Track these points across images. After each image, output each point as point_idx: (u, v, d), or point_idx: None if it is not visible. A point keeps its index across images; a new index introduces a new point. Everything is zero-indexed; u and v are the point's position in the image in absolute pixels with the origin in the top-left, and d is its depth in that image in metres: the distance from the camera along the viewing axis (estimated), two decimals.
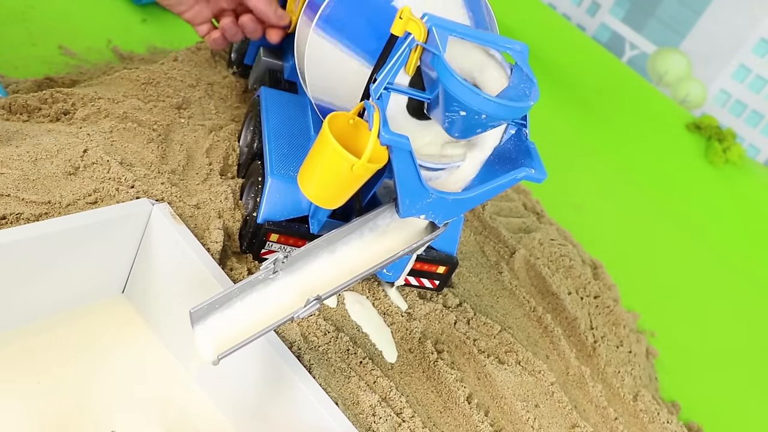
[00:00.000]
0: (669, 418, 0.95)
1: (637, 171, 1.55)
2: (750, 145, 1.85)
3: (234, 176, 0.88)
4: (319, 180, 0.70)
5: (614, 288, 1.13)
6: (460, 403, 0.79)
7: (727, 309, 1.32)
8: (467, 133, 0.68)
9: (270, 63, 0.97)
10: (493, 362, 0.84)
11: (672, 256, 1.37)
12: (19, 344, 0.72)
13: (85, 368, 0.73)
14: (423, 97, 0.69)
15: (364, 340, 0.79)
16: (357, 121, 0.71)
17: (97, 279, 0.77)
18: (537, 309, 0.97)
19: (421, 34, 0.67)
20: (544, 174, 0.68)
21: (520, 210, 1.17)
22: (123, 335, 0.77)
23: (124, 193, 0.76)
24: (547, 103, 1.30)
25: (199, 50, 1.06)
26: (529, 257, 1.04)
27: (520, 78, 0.69)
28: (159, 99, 0.92)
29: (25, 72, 0.98)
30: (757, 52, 1.80)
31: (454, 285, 0.91)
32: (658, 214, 1.46)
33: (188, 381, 0.75)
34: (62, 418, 0.69)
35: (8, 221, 0.70)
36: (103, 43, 1.09)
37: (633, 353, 1.04)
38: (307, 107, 0.89)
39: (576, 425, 0.85)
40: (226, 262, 0.78)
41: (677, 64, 1.89)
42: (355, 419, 0.70)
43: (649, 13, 1.89)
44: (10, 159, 0.75)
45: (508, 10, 1.52)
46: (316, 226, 0.78)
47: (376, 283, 0.84)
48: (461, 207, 0.70)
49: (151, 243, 0.76)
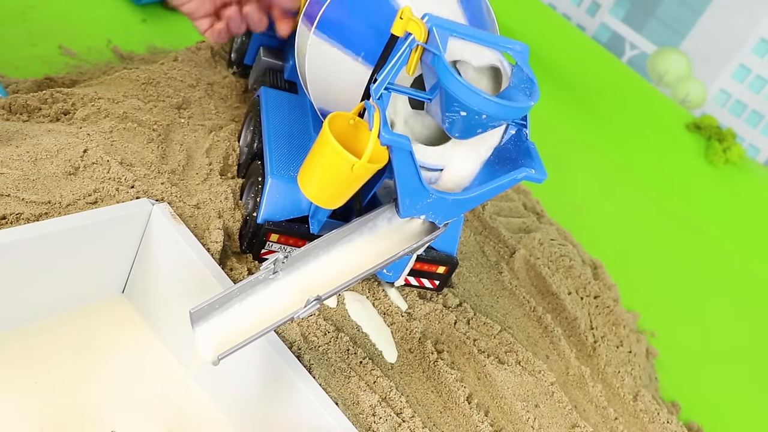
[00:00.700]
0: (669, 418, 0.95)
1: (637, 171, 1.55)
2: (750, 145, 1.85)
3: (234, 176, 0.88)
4: (319, 180, 0.70)
5: (614, 288, 1.13)
6: (460, 403, 0.79)
7: (727, 309, 1.32)
8: (468, 133, 0.68)
9: (270, 63, 0.97)
10: (493, 362, 0.84)
11: (672, 256, 1.37)
12: (19, 344, 0.72)
13: (85, 368, 0.73)
14: (423, 97, 0.69)
15: (364, 340, 0.79)
16: (357, 121, 0.71)
17: (97, 279, 0.77)
18: (537, 309, 0.97)
19: (422, 34, 0.67)
20: (544, 174, 0.68)
21: (520, 210, 1.17)
22: (123, 335, 0.77)
23: (124, 193, 0.76)
24: (547, 103, 1.30)
25: (199, 50, 1.05)
26: (529, 257, 1.04)
27: (520, 78, 0.69)
28: (159, 99, 0.92)
29: (25, 72, 0.98)
30: (757, 52, 1.80)
31: (454, 285, 0.91)
32: (658, 214, 1.46)
33: (188, 381, 0.75)
34: (62, 417, 0.69)
35: (8, 221, 0.70)
36: (103, 43, 1.09)
37: (633, 353, 1.04)
38: (307, 107, 0.89)
39: (576, 425, 0.85)
40: (226, 262, 0.78)
41: (677, 64, 1.89)
42: (355, 419, 0.70)
43: (649, 13, 1.89)
44: (10, 159, 0.75)
45: (508, 10, 1.52)
46: (316, 226, 0.78)
47: (376, 283, 0.84)
48: (461, 207, 0.70)
49: (151, 243, 0.76)
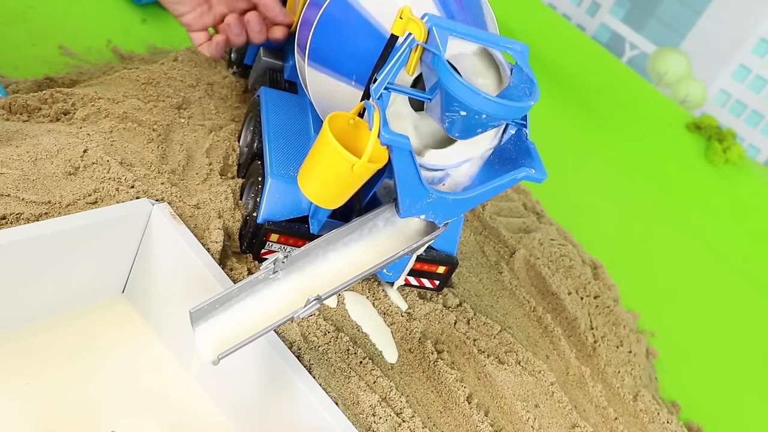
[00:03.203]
0: (669, 418, 0.95)
1: (637, 171, 1.55)
2: (750, 145, 1.85)
3: (234, 176, 0.88)
4: (319, 180, 0.70)
5: (614, 288, 1.13)
6: (460, 403, 0.79)
7: (727, 309, 1.32)
8: (468, 133, 0.68)
9: (270, 63, 0.97)
10: (493, 362, 0.84)
11: (672, 256, 1.37)
12: (19, 344, 0.72)
13: (85, 368, 0.73)
14: (423, 97, 0.69)
15: (364, 340, 0.79)
16: (357, 121, 0.71)
17: (97, 279, 0.77)
18: (537, 309, 0.97)
19: (422, 34, 0.67)
20: (544, 174, 0.68)
21: (520, 210, 1.17)
22: (123, 335, 0.77)
23: (124, 193, 0.76)
24: (547, 103, 1.30)
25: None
26: (529, 257, 1.04)
27: (520, 78, 0.69)
28: (159, 99, 0.92)
29: (25, 72, 0.98)
30: (757, 52, 1.80)
31: (454, 285, 0.91)
32: (658, 214, 1.46)
33: (188, 381, 0.75)
34: (62, 417, 0.69)
35: (8, 221, 0.70)
36: (103, 43, 1.09)
37: (633, 353, 1.04)
38: (307, 107, 0.89)
39: (576, 425, 0.85)
40: (226, 262, 0.78)
41: (677, 64, 1.89)
42: (355, 419, 0.70)
43: (649, 13, 1.89)
44: (10, 159, 0.75)
45: (508, 10, 1.52)
46: (316, 226, 0.78)
47: (376, 283, 0.84)
48: (461, 207, 0.70)
49: (151, 243, 0.76)
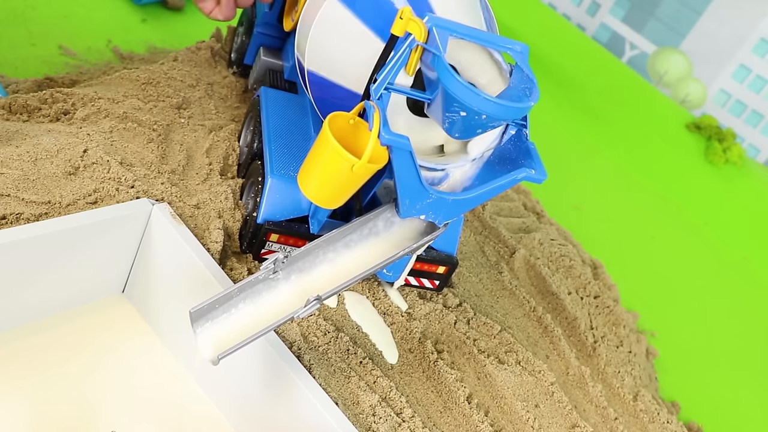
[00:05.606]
0: (669, 418, 0.95)
1: (637, 171, 1.55)
2: (750, 145, 1.85)
3: (234, 176, 0.88)
4: (319, 180, 0.70)
5: (614, 288, 1.13)
6: (460, 403, 0.79)
7: (727, 309, 1.32)
8: (467, 134, 0.68)
9: (270, 63, 0.97)
10: (493, 362, 0.84)
11: (672, 256, 1.37)
12: (18, 344, 0.72)
13: (85, 368, 0.73)
14: (423, 97, 0.69)
15: (364, 340, 0.79)
16: (357, 121, 0.71)
17: (97, 279, 0.77)
18: (537, 309, 0.97)
19: (422, 35, 0.67)
20: (544, 174, 0.68)
21: (520, 210, 1.17)
22: (123, 335, 0.77)
23: (124, 193, 0.76)
24: (547, 104, 1.30)
25: (199, 50, 1.05)
26: (529, 257, 1.04)
27: (520, 78, 0.69)
28: (159, 99, 0.92)
29: (25, 72, 0.98)
30: (757, 52, 1.80)
31: (454, 285, 0.91)
32: (658, 214, 1.46)
33: (188, 381, 0.75)
34: (62, 417, 0.69)
35: (8, 221, 0.70)
36: (103, 43, 1.09)
37: (633, 353, 1.04)
38: (307, 107, 0.89)
39: (576, 425, 0.85)
40: (226, 262, 0.78)
41: (677, 64, 1.89)
42: (355, 419, 0.70)
43: (649, 13, 1.89)
44: (10, 159, 0.75)
45: (508, 10, 1.52)
46: (316, 226, 0.78)
47: (376, 283, 0.84)
48: (461, 207, 0.70)
49: (151, 243, 0.76)
